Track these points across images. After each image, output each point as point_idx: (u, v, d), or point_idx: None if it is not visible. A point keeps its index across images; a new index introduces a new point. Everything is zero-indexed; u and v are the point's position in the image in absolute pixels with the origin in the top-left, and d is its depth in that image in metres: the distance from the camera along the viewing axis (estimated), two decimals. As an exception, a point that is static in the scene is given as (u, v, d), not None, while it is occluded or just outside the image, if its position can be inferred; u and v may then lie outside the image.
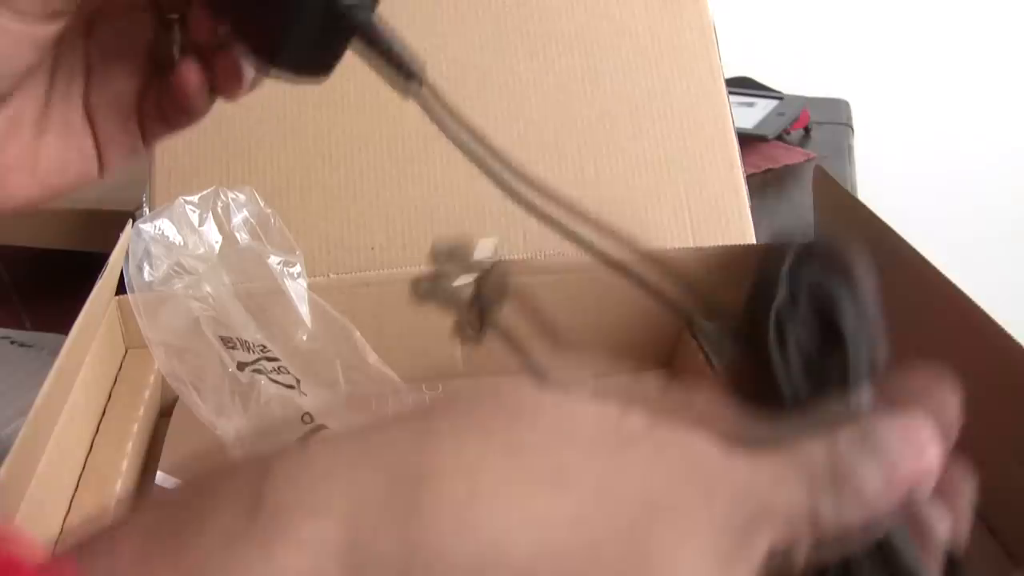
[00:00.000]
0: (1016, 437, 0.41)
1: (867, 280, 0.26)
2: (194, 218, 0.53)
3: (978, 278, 0.53)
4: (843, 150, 0.97)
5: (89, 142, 0.34)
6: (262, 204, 0.55)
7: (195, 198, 0.54)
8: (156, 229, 0.52)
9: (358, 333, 0.52)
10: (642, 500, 0.19)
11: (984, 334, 0.42)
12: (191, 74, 0.32)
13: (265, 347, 0.50)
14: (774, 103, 0.95)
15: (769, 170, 0.88)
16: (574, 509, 0.19)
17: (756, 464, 0.21)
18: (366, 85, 0.62)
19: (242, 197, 0.55)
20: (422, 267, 0.37)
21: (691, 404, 0.22)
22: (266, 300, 0.52)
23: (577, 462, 0.19)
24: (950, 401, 0.24)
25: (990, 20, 1.28)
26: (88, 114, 0.33)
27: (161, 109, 0.34)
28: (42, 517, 0.44)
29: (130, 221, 0.53)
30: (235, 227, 0.54)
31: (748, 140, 0.85)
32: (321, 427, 0.49)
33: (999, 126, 1.32)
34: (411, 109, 0.29)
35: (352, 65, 0.29)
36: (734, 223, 0.64)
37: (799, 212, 0.81)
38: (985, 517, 0.43)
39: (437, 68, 0.66)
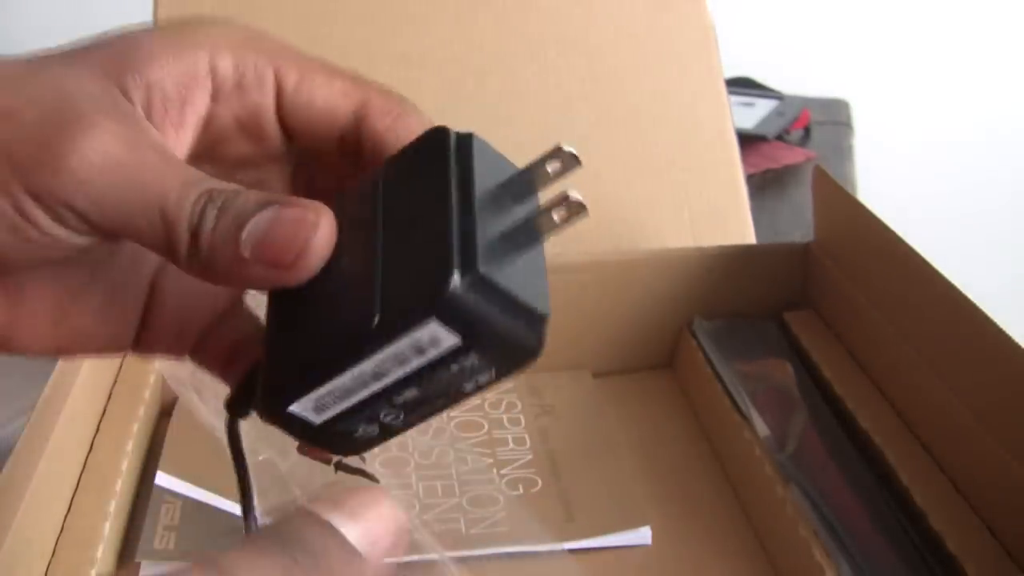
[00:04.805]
0: (1016, 437, 0.41)
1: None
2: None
3: (978, 278, 0.54)
4: (843, 150, 0.97)
5: (135, 320, 0.28)
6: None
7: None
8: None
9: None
10: None
11: (984, 334, 0.42)
12: None
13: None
14: (774, 103, 0.95)
15: (769, 170, 0.88)
16: None
17: None
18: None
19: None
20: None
21: None
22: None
23: None
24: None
25: (990, 20, 1.28)
26: (153, 293, 0.28)
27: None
28: (42, 517, 0.44)
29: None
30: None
31: (748, 140, 0.85)
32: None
33: (999, 126, 1.32)
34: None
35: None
36: (734, 223, 0.64)
37: (799, 212, 0.81)
38: (985, 517, 0.43)
39: (437, 68, 0.66)
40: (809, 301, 0.59)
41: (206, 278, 0.24)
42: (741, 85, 0.95)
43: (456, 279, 0.22)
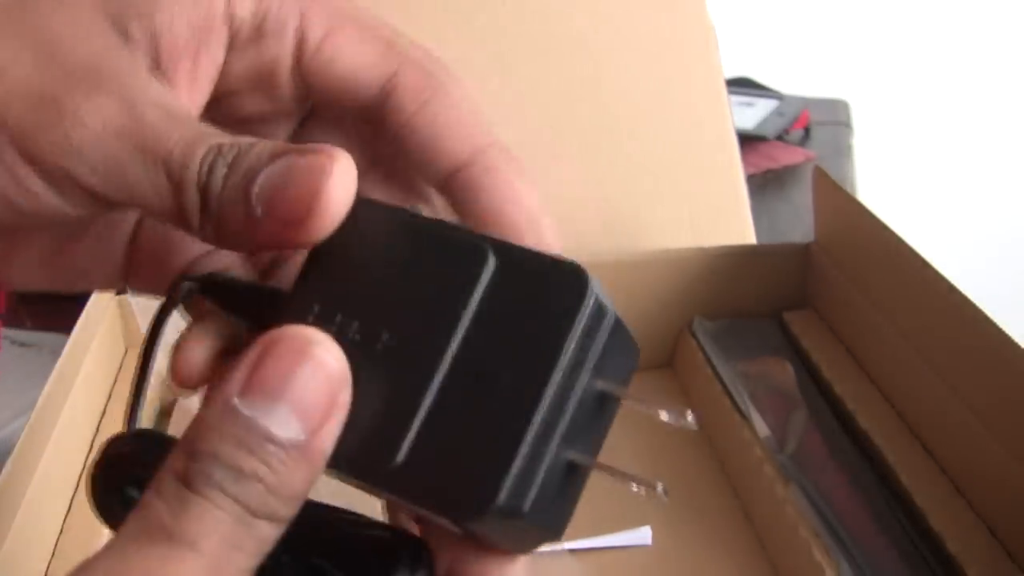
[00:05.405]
0: (1016, 437, 0.41)
1: None
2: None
3: (978, 278, 0.54)
4: (843, 150, 0.97)
5: (123, 260, 0.27)
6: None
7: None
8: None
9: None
10: None
11: (983, 334, 0.42)
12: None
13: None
14: (774, 103, 0.94)
15: (769, 170, 0.88)
16: None
17: None
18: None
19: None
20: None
21: None
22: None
23: None
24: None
25: (990, 20, 1.28)
26: (135, 233, 0.27)
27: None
28: (42, 517, 0.44)
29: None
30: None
31: (748, 140, 0.85)
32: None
33: (999, 126, 1.32)
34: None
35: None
36: (734, 223, 0.64)
37: (799, 212, 0.81)
38: (985, 517, 0.43)
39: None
40: (809, 301, 0.59)
41: (221, 245, 0.22)
42: (741, 85, 0.95)
43: (493, 513, 0.19)
